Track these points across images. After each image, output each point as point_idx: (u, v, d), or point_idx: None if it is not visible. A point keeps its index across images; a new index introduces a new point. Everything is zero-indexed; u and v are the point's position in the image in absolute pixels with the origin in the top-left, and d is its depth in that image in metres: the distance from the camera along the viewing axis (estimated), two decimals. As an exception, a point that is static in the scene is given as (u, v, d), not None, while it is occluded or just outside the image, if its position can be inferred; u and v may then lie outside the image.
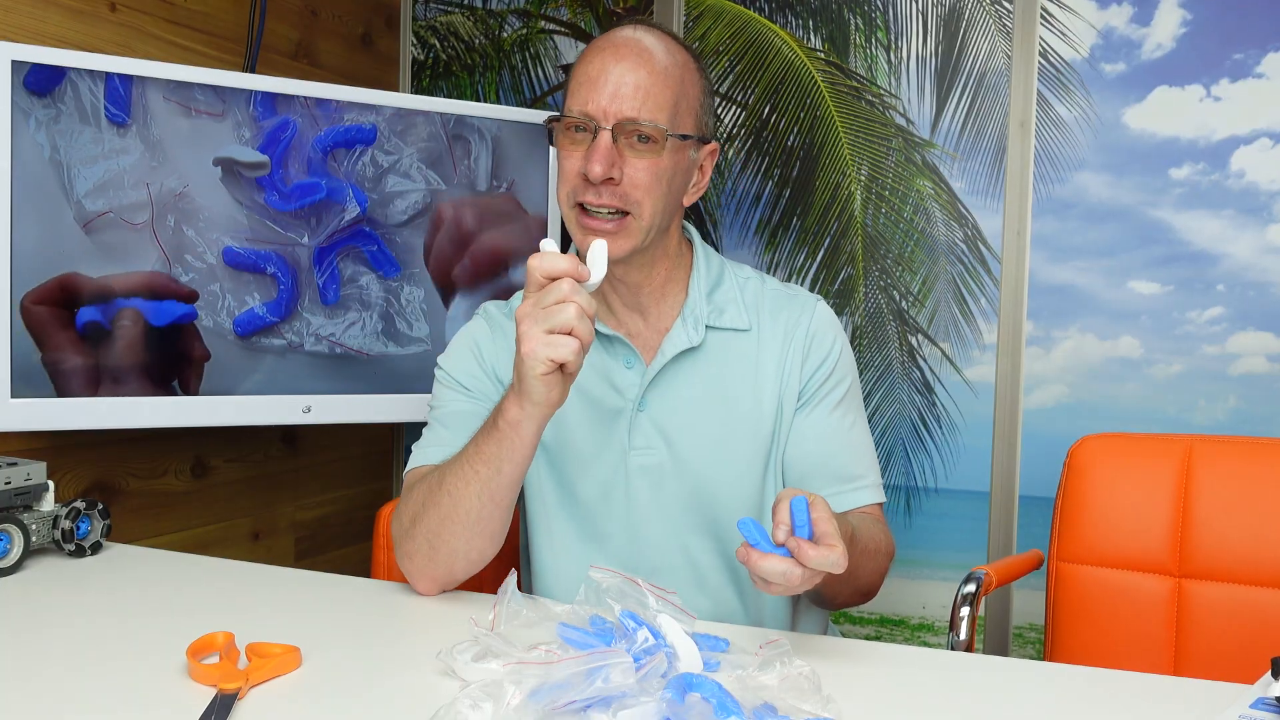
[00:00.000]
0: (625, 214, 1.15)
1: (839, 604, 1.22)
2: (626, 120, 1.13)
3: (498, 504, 1.09)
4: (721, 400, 1.23)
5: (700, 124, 1.21)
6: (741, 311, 1.25)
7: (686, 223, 1.30)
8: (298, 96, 1.72)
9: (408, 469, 1.23)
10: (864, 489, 1.24)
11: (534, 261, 0.99)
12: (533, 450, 1.07)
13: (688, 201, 1.24)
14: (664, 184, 1.16)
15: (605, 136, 1.12)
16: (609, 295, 1.24)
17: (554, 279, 0.98)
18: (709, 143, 1.24)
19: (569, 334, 0.97)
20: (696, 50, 1.25)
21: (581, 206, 1.15)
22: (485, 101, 2.35)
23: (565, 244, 1.24)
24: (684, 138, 1.17)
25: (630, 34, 1.17)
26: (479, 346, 1.28)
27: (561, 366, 0.99)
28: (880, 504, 1.27)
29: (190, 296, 1.64)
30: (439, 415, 1.26)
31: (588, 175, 1.12)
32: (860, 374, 1.37)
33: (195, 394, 1.66)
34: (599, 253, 1.02)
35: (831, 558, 0.90)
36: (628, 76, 1.13)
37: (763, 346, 1.24)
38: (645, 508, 1.22)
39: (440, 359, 1.30)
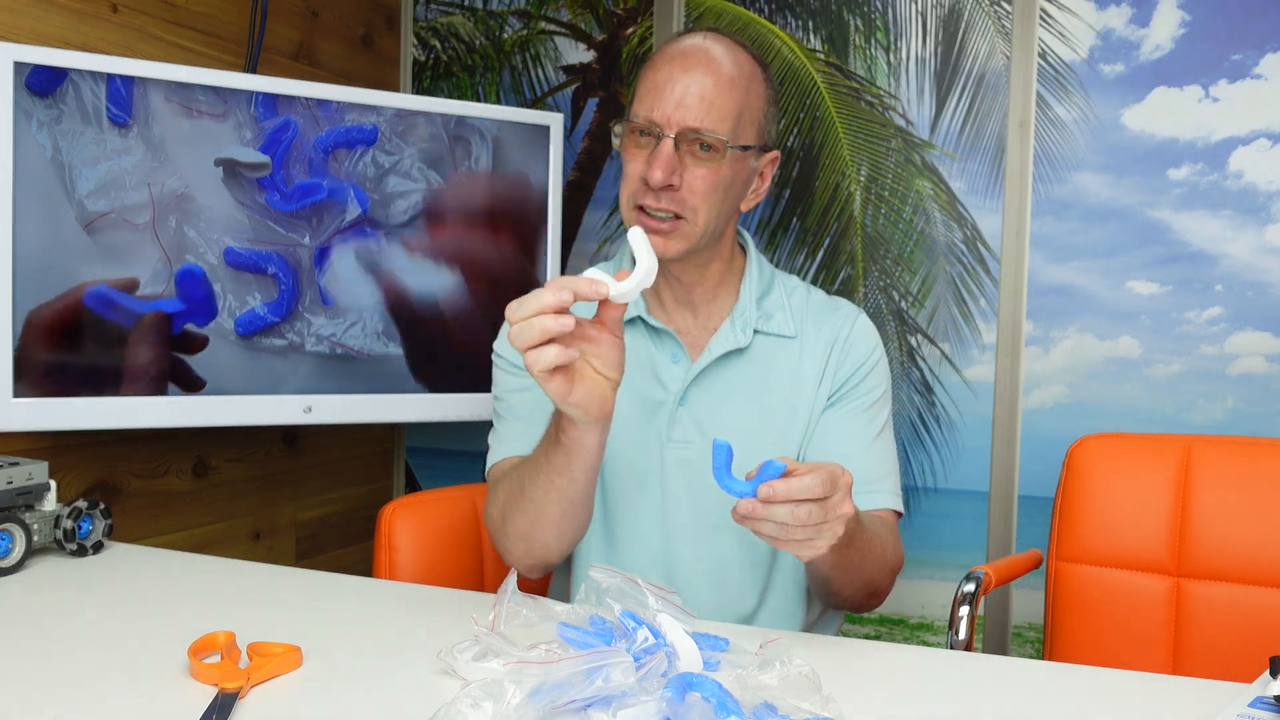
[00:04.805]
0: (680, 217, 1.17)
1: (846, 597, 1.19)
2: (689, 130, 1.14)
3: (579, 504, 1.11)
4: (761, 402, 1.24)
5: (763, 133, 1.22)
6: (789, 319, 1.27)
7: (743, 229, 1.32)
8: (299, 97, 1.73)
9: (489, 465, 1.27)
10: (879, 493, 1.23)
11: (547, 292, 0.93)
12: (601, 452, 1.06)
13: (745, 207, 1.25)
14: (721, 192, 1.18)
15: (668, 144, 1.14)
16: (662, 290, 1.27)
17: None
18: (770, 150, 1.25)
19: (543, 343, 0.91)
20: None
21: (640, 208, 1.17)
22: (486, 102, 2.35)
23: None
24: (745, 148, 1.19)
25: (699, 42, 1.19)
26: None
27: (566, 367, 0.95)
28: (896, 513, 1.24)
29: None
30: (507, 405, 1.27)
31: (648, 180, 1.14)
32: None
33: (196, 394, 1.66)
34: (639, 240, 0.97)
35: (797, 483, 0.87)
36: (693, 86, 1.15)
37: (805, 354, 1.26)
38: (678, 500, 1.24)
39: (495, 344, 1.31)
